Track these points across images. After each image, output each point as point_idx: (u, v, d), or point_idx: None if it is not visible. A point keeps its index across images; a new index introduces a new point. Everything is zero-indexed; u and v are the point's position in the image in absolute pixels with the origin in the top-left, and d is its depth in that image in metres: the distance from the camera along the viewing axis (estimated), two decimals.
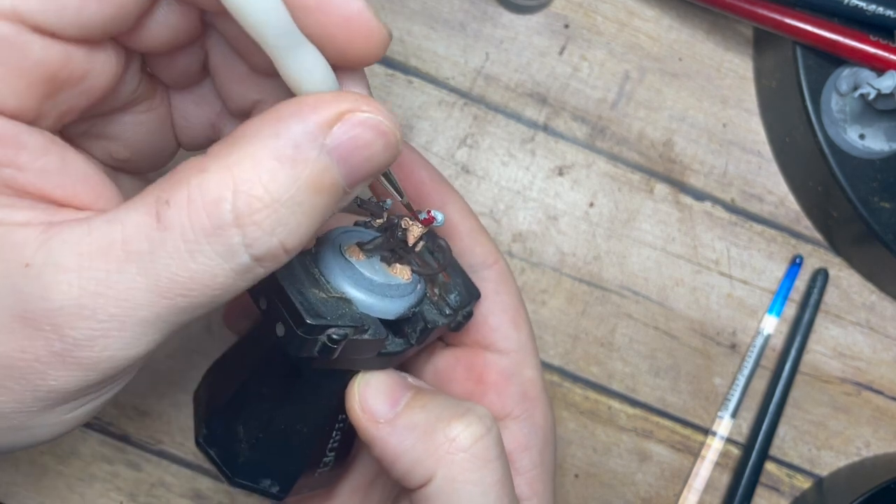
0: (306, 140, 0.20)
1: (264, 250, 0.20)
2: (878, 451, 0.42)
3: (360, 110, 0.20)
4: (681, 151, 0.43)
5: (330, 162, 0.20)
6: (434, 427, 0.25)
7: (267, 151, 0.19)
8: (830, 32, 0.38)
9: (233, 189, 0.19)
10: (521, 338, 0.32)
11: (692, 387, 0.42)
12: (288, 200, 0.19)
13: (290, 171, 0.19)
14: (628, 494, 0.41)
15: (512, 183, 0.42)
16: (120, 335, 0.20)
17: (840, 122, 0.39)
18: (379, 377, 0.26)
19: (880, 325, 0.43)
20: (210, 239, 0.19)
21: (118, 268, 0.19)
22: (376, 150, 0.21)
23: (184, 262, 0.19)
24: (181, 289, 0.19)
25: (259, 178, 0.19)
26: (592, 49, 0.43)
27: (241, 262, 0.20)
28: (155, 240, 0.19)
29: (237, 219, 0.19)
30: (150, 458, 0.40)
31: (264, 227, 0.19)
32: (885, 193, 0.39)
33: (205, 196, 0.19)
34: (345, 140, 0.20)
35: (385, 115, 0.21)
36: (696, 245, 0.43)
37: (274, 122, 0.20)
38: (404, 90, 0.42)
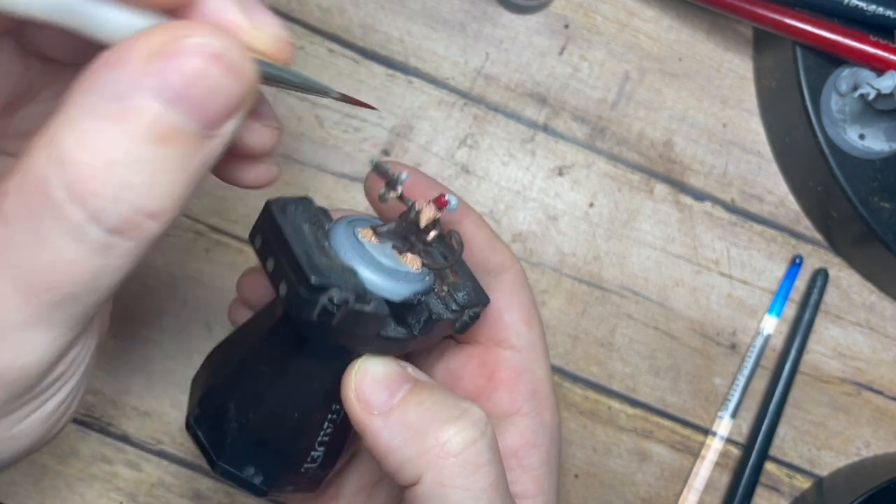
0: (126, 87, 0.17)
1: (116, 219, 0.17)
2: (878, 451, 0.42)
3: (180, 37, 0.17)
4: (681, 151, 0.43)
5: (163, 105, 0.17)
6: (427, 428, 0.25)
7: (83, 111, 0.17)
8: (830, 32, 0.38)
9: (57, 162, 0.17)
10: (533, 336, 0.32)
11: (692, 387, 0.42)
12: (126, 159, 0.17)
13: (117, 126, 0.17)
14: (628, 494, 0.41)
15: (512, 183, 0.42)
16: (5, 344, 0.18)
17: (840, 122, 0.39)
18: (378, 364, 0.26)
19: (880, 325, 0.43)
20: (51, 222, 0.17)
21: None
22: (217, 78, 0.18)
23: (35, 254, 0.17)
24: (44, 282, 0.18)
25: (82, 143, 0.17)
26: (592, 49, 0.43)
27: (95, 239, 0.17)
28: (3, 237, 0.17)
29: (71, 193, 0.17)
30: (150, 458, 0.40)
31: (105, 195, 0.17)
32: (885, 193, 0.39)
33: (34, 175, 0.17)
34: (171, 77, 0.17)
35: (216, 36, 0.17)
36: (696, 245, 0.43)
37: (88, 78, 0.17)
38: (404, 90, 0.42)
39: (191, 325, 0.40)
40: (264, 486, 0.27)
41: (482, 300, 0.29)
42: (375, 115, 0.42)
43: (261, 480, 0.27)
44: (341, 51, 0.42)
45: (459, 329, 0.29)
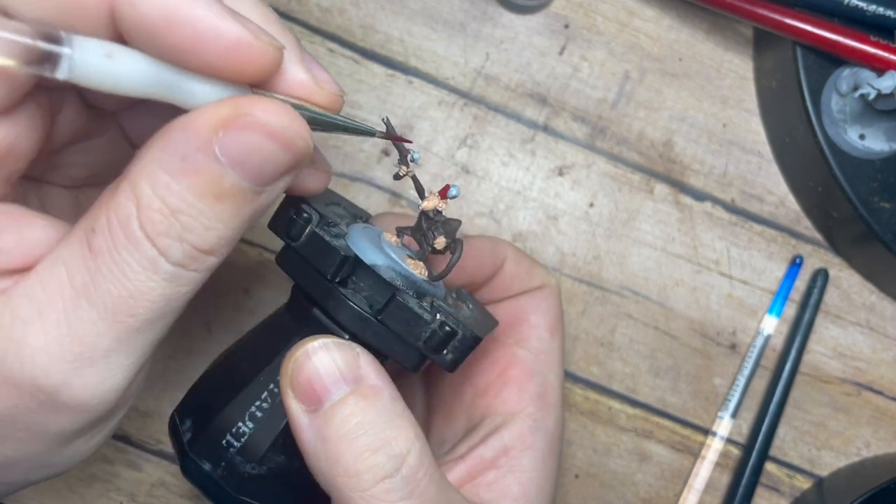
0: (192, 150, 0.20)
1: (180, 256, 0.21)
2: (878, 451, 0.42)
3: (245, 115, 0.20)
4: (681, 151, 0.43)
5: (223, 168, 0.20)
6: (342, 451, 0.23)
7: (158, 165, 0.20)
8: (830, 32, 0.38)
9: (136, 205, 0.20)
10: (554, 344, 0.32)
11: (692, 387, 0.42)
12: (187, 209, 0.20)
13: (182, 181, 0.20)
14: (628, 494, 0.41)
15: (512, 183, 0.42)
16: (92, 370, 0.21)
17: (840, 123, 0.39)
18: (324, 355, 0.24)
19: (880, 325, 0.43)
20: (132, 255, 0.20)
21: (72, 305, 0.20)
22: (272, 151, 0.21)
23: (119, 282, 0.21)
24: (127, 309, 0.21)
25: (154, 192, 0.20)
26: (592, 49, 0.43)
27: (166, 270, 0.21)
28: (91, 268, 0.20)
29: (146, 232, 0.20)
30: (150, 458, 0.40)
31: (171, 236, 0.21)
32: (885, 193, 0.39)
33: (118, 216, 0.20)
34: (233, 146, 0.20)
35: (280, 118, 0.21)
36: (696, 245, 0.43)
37: (163, 136, 0.21)
38: (404, 90, 0.42)
39: (191, 325, 0.40)
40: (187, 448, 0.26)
41: (467, 329, 0.26)
42: (375, 115, 0.42)
43: (188, 438, 0.26)
44: (341, 51, 0.42)
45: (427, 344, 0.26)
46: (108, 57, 0.19)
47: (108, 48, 0.19)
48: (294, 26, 0.42)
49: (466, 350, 0.26)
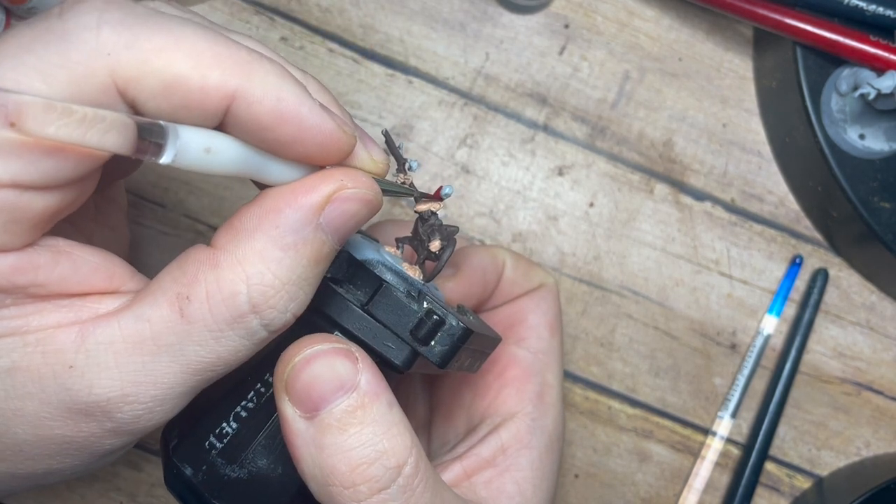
0: (303, 225, 0.22)
1: (281, 324, 0.23)
2: (878, 451, 0.42)
3: (346, 188, 0.23)
4: (681, 151, 0.43)
5: (326, 236, 0.23)
6: (338, 462, 0.23)
7: (271, 243, 0.22)
8: (830, 32, 0.38)
9: (246, 282, 0.22)
10: (553, 344, 0.33)
11: (692, 387, 0.42)
12: (295, 279, 0.23)
13: (294, 254, 0.22)
14: (628, 494, 0.41)
15: (512, 183, 0.42)
16: (161, 409, 0.23)
17: (840, 122, 0.39)
18: (323, 362, 0.23)
19: (880, 325, 0.43)
20: (232, 326, 0.22)
21: (152, 359, 0.22)
22: (363, 214, 0.24)
23: (210, 348, 0.22)
24: (210, 366, 0.23)
25: (268, 268, 0.22)
26: (592, 49, 0.43)
27: (260, 337, 0.23)
28: (181, 332, 0.22)
29: (254, 307, 0.22)
30: (150, 458, 0.40)
31: (279, 308, 0.22)
32: (885, 193, 0.39)
33: (223, 291, 0.22)
34: (336, 216, 0.23)
35: (366, 184, 0.24)
36: (696, 245, 0.43)
37: (273, 213, 0.22)
38: (404, 90, 0.42)
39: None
40: (171, 453, 0.26)
41: (456, 319, 0.26)
42: (375, 115, 0.42)
43: (174, 444, 0.26)
44: (341, 51, 0.42)
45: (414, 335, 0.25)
46: (207, 152, 0.21)
47: (209, 142, 0.21)
48: (294, 26, 0.42)
49: (456, 342, 0.25)
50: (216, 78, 0.21)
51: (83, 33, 0.20)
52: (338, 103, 0.25)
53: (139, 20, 0.21)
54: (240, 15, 0.42)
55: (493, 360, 0.32)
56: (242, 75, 0.21)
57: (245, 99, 0.21)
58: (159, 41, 0.21)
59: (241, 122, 0.22)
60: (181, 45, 0.21)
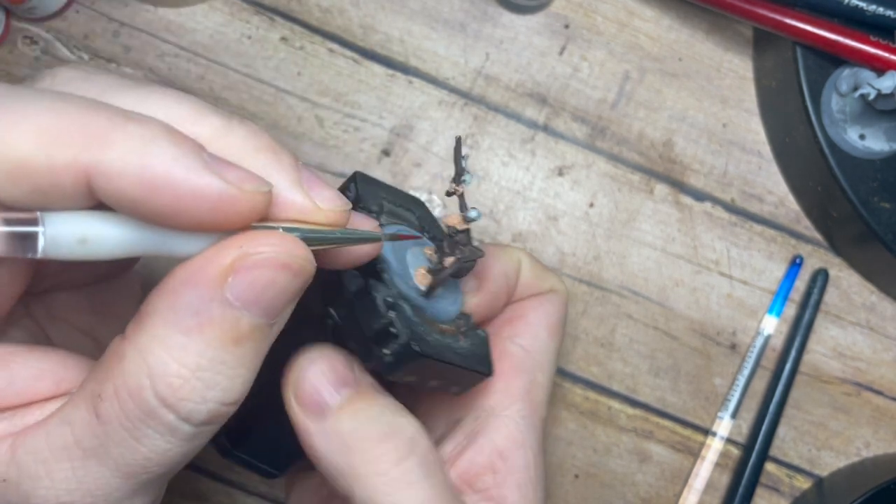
0: (203, 303, 0.19)
1: (203, 417, 0.20)
2: (878, 451, 0.42)
3: (249, 253, 0.20)
4: (681, 151, 0.43)
5: (238, 312, 0.20)
6: (357, 443, 0.24)
7: (171, 327, 0.19)
8: (830, 32, 0.38)
9: (149, 375, 0.19)
10: (550, 346, 0.32)
11: (692, 387, 0.42)
12: (208, 365, 0.20)
13: (199, 337, 0.19)
14: (628, 494, 0.41)
15: (512, 183, 0.42)
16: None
17: (840, 122, 0.39)
18: (322, 363, 0.25)
19: (880, 325, 0.43)
20: (146, 423, 0.20)
21: (81, 464, 0.20)
22: (284, 281, 0.20)
23: (132, 447, 0.20)
24: (141, 469, 0.20)
25: (171, 356, 0.19)
26: (592, 49, 0.43)
27: (185, 432, 0.20)
28: (100, 434, 0.20)
29: (163, 401, 0.19)
30: None
31: (194, 399, 0.20)
32: (885, 193, 0.39)
33: (128, 386, 0.19)
34: (245, 287, 0.20)
35: (281, 248, 0.20)
36: (696, 245, 0.43)
37: (170, 294, 0.20)
38: (404, 90, 0.42)
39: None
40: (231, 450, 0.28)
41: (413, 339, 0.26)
42: (375, 115, 0.42)
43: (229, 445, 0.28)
44: (341, 51, 0.42)
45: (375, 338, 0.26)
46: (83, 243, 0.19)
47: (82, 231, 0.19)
48: (294, 26, 0.42)
49: (402, 359, 0.25)
50: (64, 155, 0.18)
51: None
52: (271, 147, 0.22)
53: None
54: (240, 15, 0.42)
55: None
56: (95, 147, 0.19)
57: (103, 174, 0.19)
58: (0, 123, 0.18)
59: (109, 199, 0.19)
60: (23, 125, 0.18)
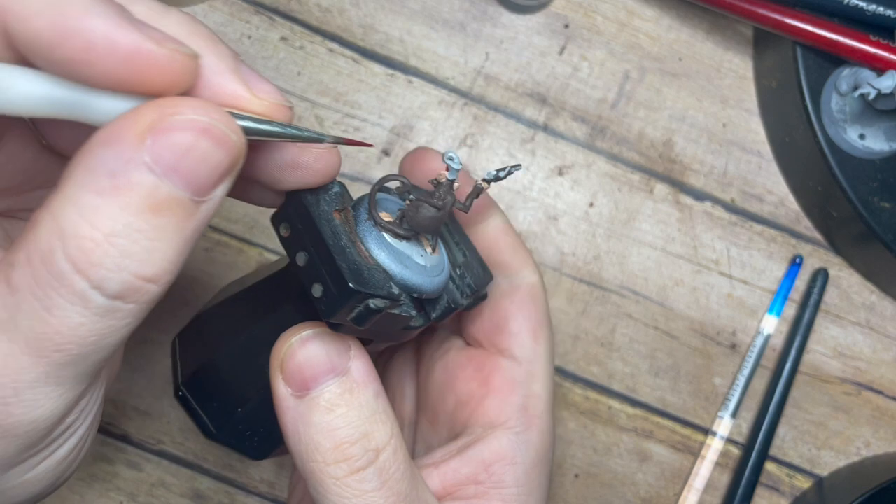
0: (120, 164, 0.18)
1: (118, 287, 0.19)
2: (878, 451, 0.42)
3: (169, 114, 0.19)
4: (681, 151, 0.43)
5: (157, 178, 0.19)
6: (321, 440, 0.24)
7: (84, 188, 0.18)
8: (830, 32, 0.38)
9: (60, 237, 0.18)
10: (538, 350, 0.31)
11: (692, 387, 0.42)
12: (122, 231, 0.18)
13: (114, 200, 0.18)
14: (628, 494, 0.41)
15: (512, 183, 0.42)
16: (18, 400, 0.19)
17: (840, 122, 0.39)
18: (316, 345, 0.24)
19: (880, 325, 0.43)
20: (57, 290, 0.19)
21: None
22: (206, 149, 0.19)
23: (43, 319, 0.19)
24: (52, 345, 0.19)
25: (82, 217, 0.18)
26: (592, 49, 0.43)
27: (99, 304, 0.19)
28: (10, 305, 0.19)
29: (74, 265, 0.18)
30: (150, 458, 0.40)
31: (107, 266, 0.19)
32: (885, 193, 0.39)
33: (39, 250, 0.18)
34: (163, 151, 0.19)
35: (202, 112, 0.19)
36: (696, 245, 0.43)
37: (84, 156, 0.19)
38: (404, 90, 0.42)
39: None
40: (214, 433, 0.28)
41: (487, 278, 0.29)
42: (375, 115, 0.42)
43: (215, 426, 0.28)
44: (341, 51, 0.42)
45: (467, 307, 0.28)
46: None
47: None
48: (294, 26, 0.42)
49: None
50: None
51: None
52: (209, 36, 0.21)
53: None
54: (240, 15, 0.42)
55: (478, 368, 0.31)
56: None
57: (18, 13, 0.18)
58: None
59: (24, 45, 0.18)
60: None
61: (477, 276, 0.28)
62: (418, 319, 0.26)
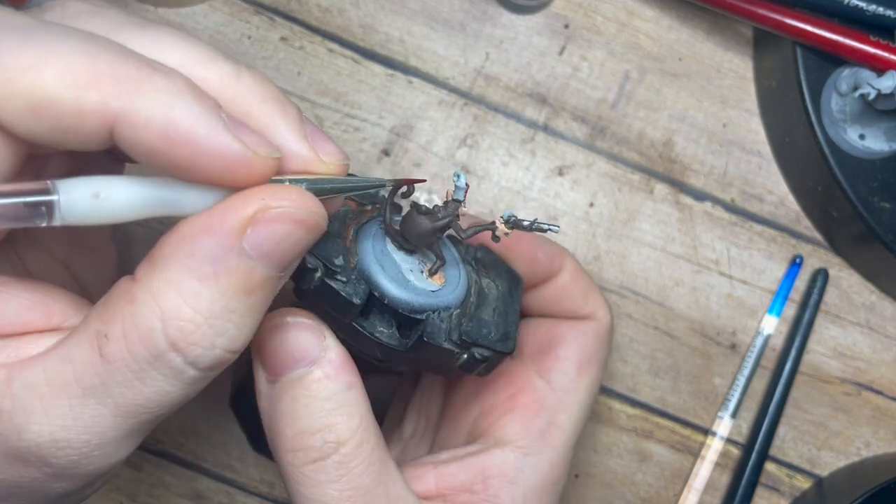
0: (222, 252, 0.20)
1: (210, 362, 0.21)
2: (878, 451, 0.42)
3: (269, 208, 0.20)
4: (681, 151, 0.43)
5: (253, 263, 0.20)
6: (285, 427, 0.25)
7: (186, 273, 0.20)
8: (830, 32, 0.38)
9: (161, 318, 0.20)
10: (579, 384, 0.30)
11: (692, 387, 0.42)
12: (220, 312, 0.20)
13: (214, 285, 0.20)
14: (628, 494, 0.41)
15: (512, 183, 0.42)
16: (99, 453, 0.21)
17: (840, 122, 0.39)
18: (292, 333, 0.24)
19: (880, 325, 0.43)
20: (154, 365, 0.20)
21: (79, 402, 0.20)
22: (298, 236, 0.21)
23: (136, 389, 0.20)
24: (141, 409, 0.21)
25: (185, 301, 0.20)
26: (592, 49, 0.43)
27: (191, 377, 0.21)
28: (103, 374, 0.20)
29: (173, 345, 0.20)
30: (150, 458, 0.40)
31: (203, 345, 0.20)
32: (885, 193, 0.39)
33: (138, 328, 0.20)
34: (262, 239, 0.20)
35: (298, 203, 0.21)
36: (696, 245, 0.43)
37: (188, 241, 0.20)
38: (404, 90, 0.42)
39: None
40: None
41: (501, 347, 0.27)
42: (375, 115, 0.42)
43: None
44: (341, 51, 0.42)
45: (464, 368, 0.27)
46: (96, 198, 0.19)
47: (96, 187, 0.19)
48: (294, 26, 0.42)
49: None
50: (93, 99, 0.19)
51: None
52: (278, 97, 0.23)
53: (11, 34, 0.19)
54: (240, 15, 0.42)
55: (510, 381, 0.30)
56: (125, 96, 0.19)
57: (129, 122, 0.19)
58: (28, 58, 0.18)
59: (130, 149, 0.20)
60: (53, 62, 0.19)
61: (484, 335, 0.26)
62: (391, 335, 0.26)
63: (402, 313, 0.26)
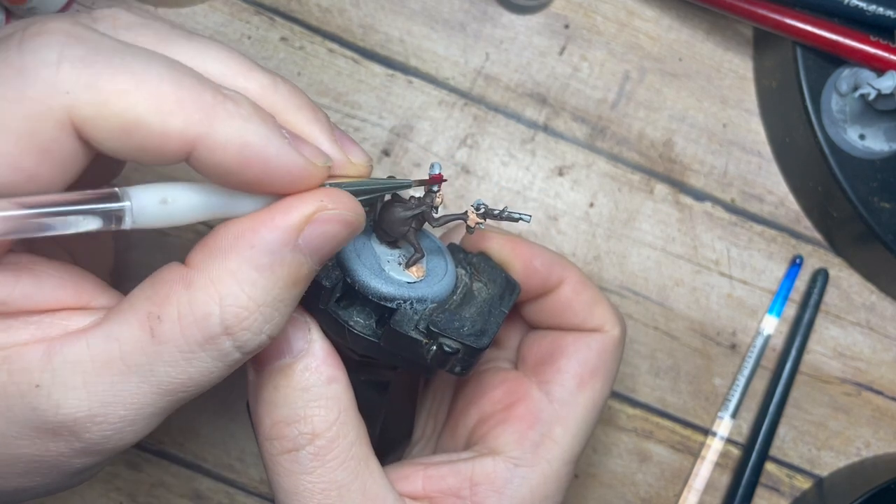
0: (280, 246, 0.22)
1: (253, 347, 0.22)
2: (878, 451, 0.42)
3: (326, 209, 0.22)
4: (681, 151, 0.43)
5: (304, 257, 0.22)
6: (263, 415, 0.25)
7: (246, 263, 0.22)
8: (830, 32, 0.38)
9: (219, 303, 0.21)
10: (579, 399, 0.30)
11: (692, 387, 0.42)
12: (271, 301, 0.22)
13: (270, 275, 0.22)
14: (628, 494, 0.41)
15: (512, 183, 0.42)
16: (132, 429, 0.22)
17: (840, 122, 0.39)
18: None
19: (880, 325, 0.43)
20: (204, 348, 0.22)
21: (122, 379, 0.21)
22: (343, 235, 0.23)
23: (182, 369, 0.22)
24: (181, 387, 0.22)
25: (242, 289, 0.21)
26: (592, 49, 0.43)
27: (234, 359, 0.22)
28: (151, 353, 0.21)
29: (227, 329, 0.21)
30: (150, 458, 0.40)
31: (253, 330, 0.22)
32: (885, 193, 0.39)
33: (195, 312, 0.21)
34: (315, 237, 0.22)
35: (349, 206, 0.23)
36: (696, 245, 0.43)
37: (249, 232, 0.22)
38: (404, 90, 0.42)
39: None
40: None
41: (471, 341, 0.26)
42: (375, 115, 0.42)
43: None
44: (341, 51, 0.42)
45: (437, 363, 0.26)
46: (164, 203, 0.21)
47: (163, 193, 0.21)
48: (294, 26, 0.42)
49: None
50: (178, 124, 0.20)
51: (42, 69, 0.20)
52: (310, 105, 0.24)
53: (101, 57, 0.20)
54: (240, 15, 0.42)
55: (509, 391, 0.30)
56: (205, 121, 0.21)
57: (207, 146, 0.21)
58: (121, 82, 0.20)
59: (204, 167, 0.21)
60: (143, 88, 0.20)
61: (455, 327, 0.26)
62: (366, 325, 0.26)
63: (374, 301, 0.26)
